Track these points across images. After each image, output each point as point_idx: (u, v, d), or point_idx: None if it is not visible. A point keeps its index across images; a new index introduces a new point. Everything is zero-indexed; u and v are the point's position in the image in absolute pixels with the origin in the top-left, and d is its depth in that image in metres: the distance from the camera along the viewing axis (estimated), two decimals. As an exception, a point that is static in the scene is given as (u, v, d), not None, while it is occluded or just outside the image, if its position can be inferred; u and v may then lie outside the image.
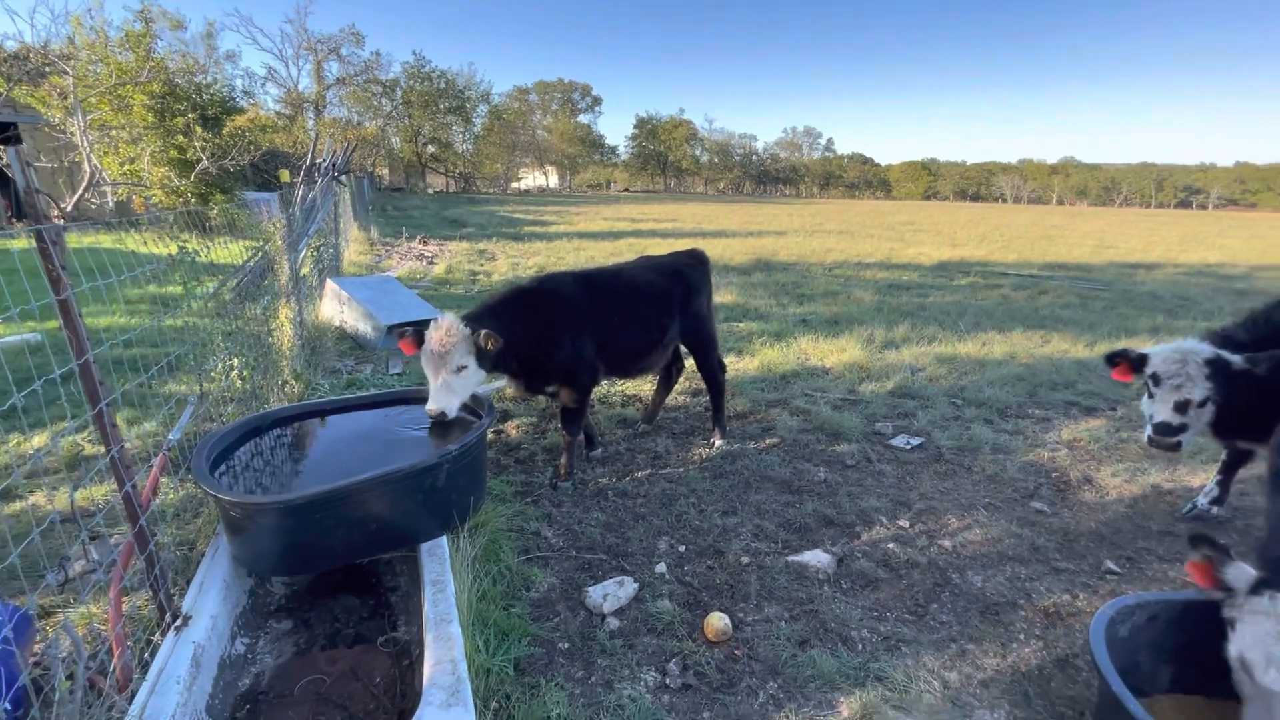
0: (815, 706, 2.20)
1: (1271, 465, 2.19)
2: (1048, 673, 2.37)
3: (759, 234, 20.54)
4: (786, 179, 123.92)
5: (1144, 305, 9.61)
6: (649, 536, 3.24)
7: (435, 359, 3.11)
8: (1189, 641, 2.13)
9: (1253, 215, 71.59)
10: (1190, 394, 2.93)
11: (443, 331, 3.14)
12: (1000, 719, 2.17)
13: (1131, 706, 1.66)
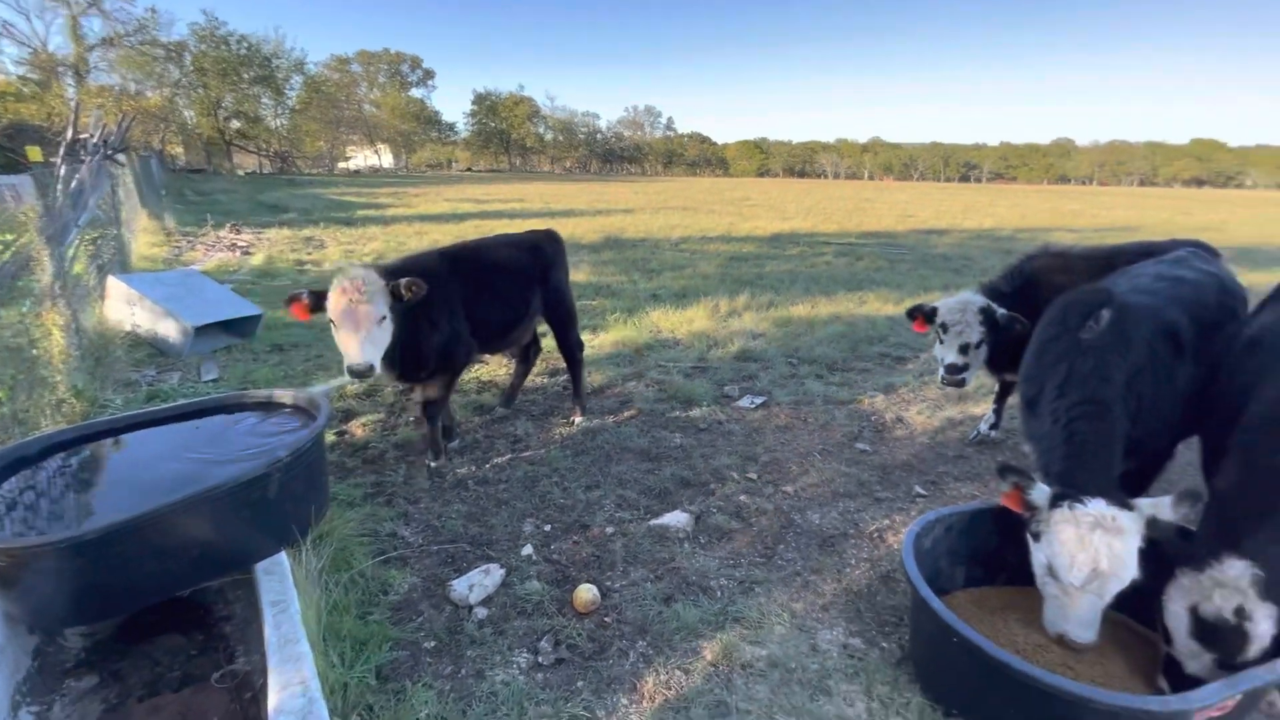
0: (681, 656, 2.34)
1: (1022, 394, 2.65)
2: (874, 589, 2.72)
3: (607, 212, 20.75)
4: (631, 157, 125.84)
5: (938, 266, 11.14)
6: (513, 521, 3.20)
7: (353, 312, 2.95)
8: (976, 544, 2.55)
9: (1014, 187, 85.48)
10: (970, 337, 3.47)
11: (358, 282, 2.98)
12: (839, 635, 2.46)
13: (934, 604, 1.96)
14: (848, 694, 2.17)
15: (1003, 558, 2.57)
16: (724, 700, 2.14)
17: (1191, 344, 2.50)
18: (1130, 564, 1.95)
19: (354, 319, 2.98)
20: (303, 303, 3.06)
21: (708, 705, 2.12)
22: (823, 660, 2.32)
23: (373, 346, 3.01)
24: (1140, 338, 2.37)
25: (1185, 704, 1.64)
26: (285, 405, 3.13)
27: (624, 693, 2.19)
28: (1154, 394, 2.36)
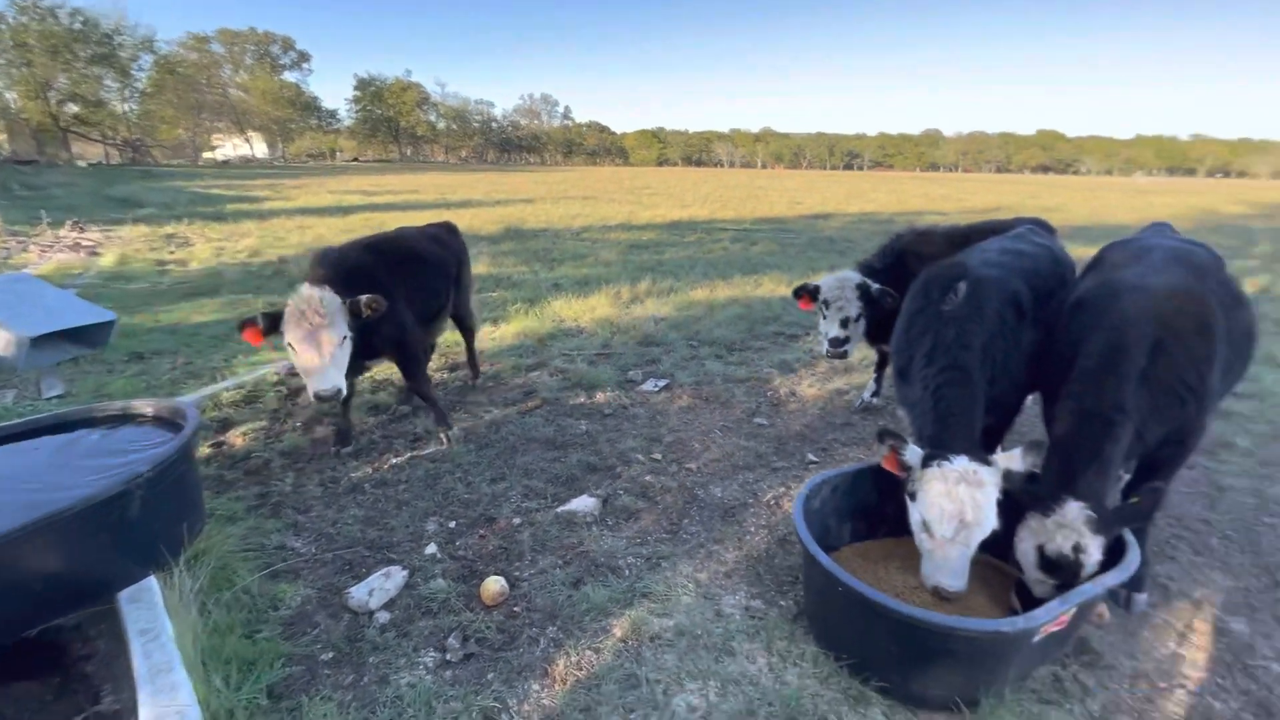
0: (592, 636, 2.37)
1: (894, 364, 2.88)
2: (772, 552, 2.88)
3: (506, 202, 20.28)
4: (529, 147, 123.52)
5: (825, 249, 11.81)
6: (415, 521, 3.10)
7: (314, 334, 2.86)
8: (859, 501, 2.76)
9: (892, 174, 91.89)
10: (849, 312, 3.73)
11: (315, 304, 2.88)
12: (741, 599, 2.59)
13: (820, 558, 2.11)
14: (750, 652, 2.30)
15: (883, 512, 2.80)
16: (634, 673, 2.20)
17: (1031, 310, 2.82)
18: (991, 514, 2.16)
19: (316, 343, 2.88)
20: (256, 327, 2.90)
21: (618, 680, 2.17)
22: (726, 624, 2.43)
23: (337, 369, 2.94)
24: (991, 307, 2.62)
25: (1031, 622, 1.87)
26: (146, 417, 2.85)
27: (535, 679, 2.19)
28: (1005, 356, 2.63)
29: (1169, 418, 2.23)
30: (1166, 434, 2.29)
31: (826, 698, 2.10)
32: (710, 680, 2.17)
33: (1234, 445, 3.96)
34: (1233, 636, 2.44)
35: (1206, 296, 2.31)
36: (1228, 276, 2.64)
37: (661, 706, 2.07)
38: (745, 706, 2.05)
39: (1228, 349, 2.33)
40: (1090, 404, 2.23)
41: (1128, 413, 2.17)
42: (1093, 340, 2.34)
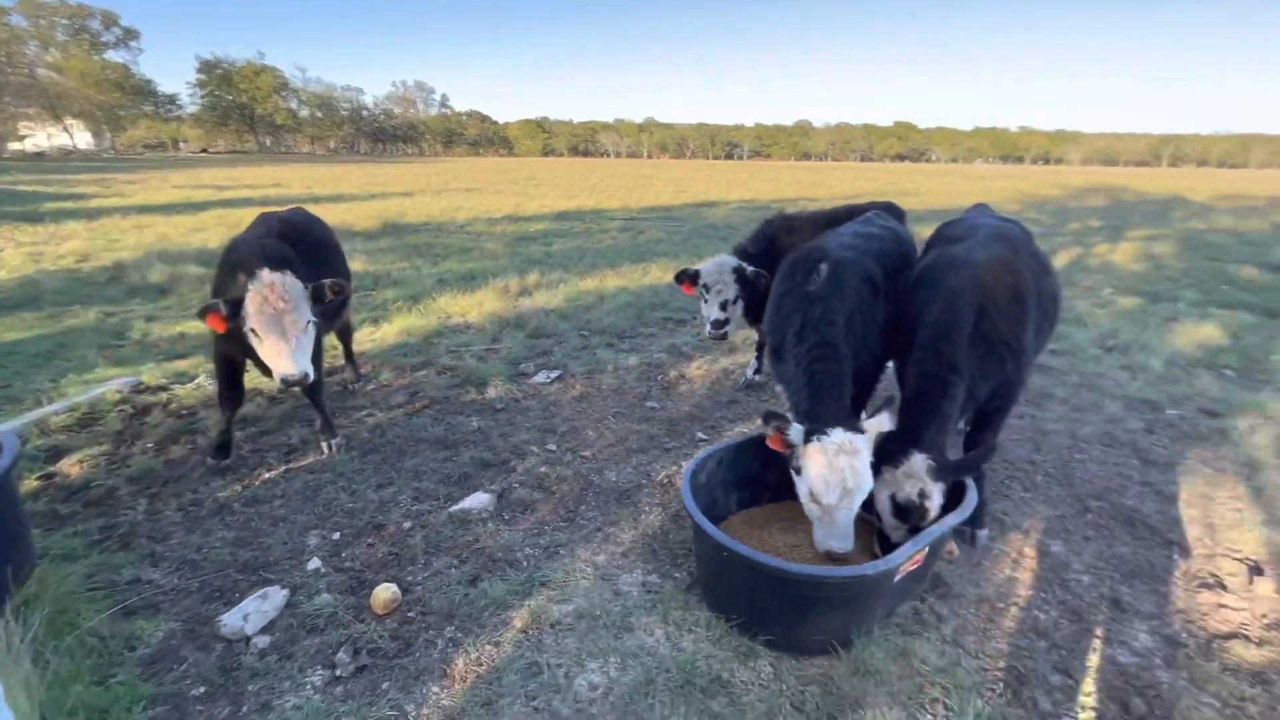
0: (491, 630, 2.36)
1: (769, 343, 3.06)
2: (666, 528, 2.99)
3: (383, 196, 19.18)
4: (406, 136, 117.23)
5: (709, 235, 12.23)
6: (294, 536, 2.91)
7: (278, 319, 2.82)
8: (742, 472, 2.93)
9: (769, 163, 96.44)
10: (727, 295, 3.92)
11: (278, 288, 2.83)
12: (638, 576, 2.67)
13: (706, 527, 2.23)
14: (648, 625, 2.38)
15: (765, 480, 2.99)
16: (536, 661, 2.22)
17: (883, 286, 3.10)
18: (868, 476, 2.36)
19: (281, 328, 2.85)
20: (219, 313, 2.84)
21: (519, 670, 2.18)
22: (624, 601, 2.50)
23: (304, 353, 2.92)
24: (851, 285, 2.84)
25: (889, 564, 2.09)
26: (-53, 450, 2.46)
27: (434, 681, 2.15)
28: (864, 330, 2.87)
29: (994, 374, 2.56)
30: (993, 389, 2.62)
31: (720, 657, 2.23)
32: (611, 657, 2.23)
33: (1053, 395, 4.60)
34: (1053, 557, 2.86)
35: (1019, 267, 2.66)
36: (1036, 249, 3.05)
37: (564, 689, 2.11)
38: (644, 676, 2.14)
39: (1038, 312, 2.70)
40: (929, 368, 2.51)
41: (960, 373, 2.47)
42: (929, 311, 2.62)
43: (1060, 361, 5.27)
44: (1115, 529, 3.06)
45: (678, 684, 2.11)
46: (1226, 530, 3.05)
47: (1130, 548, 2.92)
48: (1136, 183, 39.28)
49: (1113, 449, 3.83)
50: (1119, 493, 3.36)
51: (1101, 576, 2.73)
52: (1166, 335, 6.04)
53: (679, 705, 2.04)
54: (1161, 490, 3.39)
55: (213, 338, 3.31)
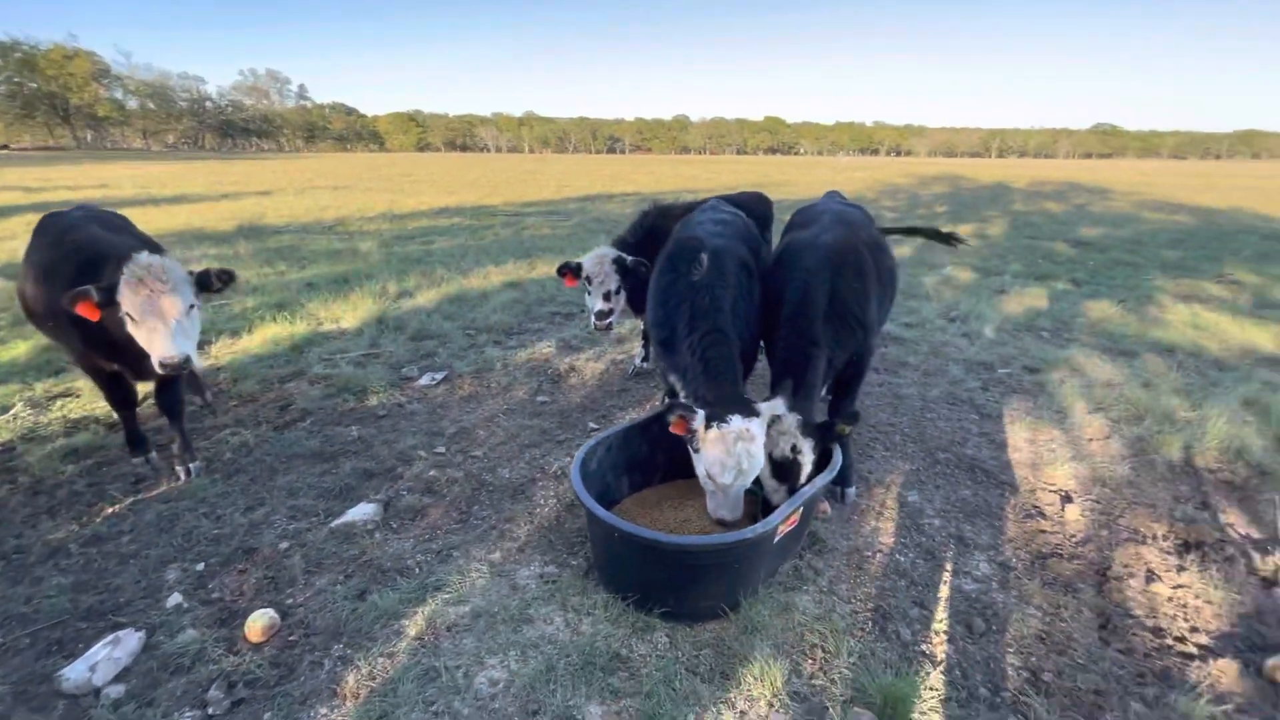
0: (384, 642, 2.28)
1: (655, 337, 3.12)
2: (562, 519, 3.02)
3: (236, 196, 17.47)
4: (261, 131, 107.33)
5: (594, 229, 12.29)
6: (148, 573, 2.63)
7: (154, 301, 2.71)
8: (632, 456, 3.01)
9: (650, 156, 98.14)
10: (610, 285, 3.98)
11: (158, 269, 2.74)
12: (535, 569, 2.68)
13: (598, 511, 2.28)
14: (547, 615, 2.40)
15: (655, 462, 3.10)
16: (432, 666, 2.17)
17: (754, 269, 3.29)
18: (760, 458, 2.50)
19: (158, 309, 2.73)
20: (90, 300, 2.67)
21: (416, 677, 2.12)
22: (522, 594, 2.50)
23: (184, 336, 2.79)
24: (731, 271, 2.97)
25: (766, 525, 2.25)
26: None
27: (323, 703, 2.04)
28: (746, 312, 3.01)
29: (848, 345, 2.82)
30: (847, 359, 2.88)
31: (618, 635, 2.30)
32: (510, 651, 2.23)
33: (907, 363, 5.11)
34: (910, 506, 3.20)
35: (860, 248, 2.94)
36: (875, 231, 3.37)
37: (464, 689, 2.08)
38: (545, 665, 2.16)
39: (879, 287, 3.00)
40: (793, 342, 2.72)
41: (820, 345, 2.70)
42: (788, 291, 2.84)
43: (912, 333, 5.85)
44: (959, 476, 3.48)
45: (578, 666, 2.15)
46: (1045, 467, 3.56)
47: (971, 490, 3.34)
48: (971, 172, 44.07)
49: (956, 407, 4.33)
50: (961, 444, 3.81)
51: (949, 518, 3.09)
52: (997, 305, 6.88)
53: (580, 686, 2.08)
54: (995, 439, 3.89)
55: (75, 354, 3.13)
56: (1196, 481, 3.40)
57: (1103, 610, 2.49)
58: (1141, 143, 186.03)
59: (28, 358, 4.81)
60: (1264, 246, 11.03)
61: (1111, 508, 3.18)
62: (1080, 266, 9.03)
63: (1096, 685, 2.15)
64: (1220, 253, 10.31)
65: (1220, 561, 2.77)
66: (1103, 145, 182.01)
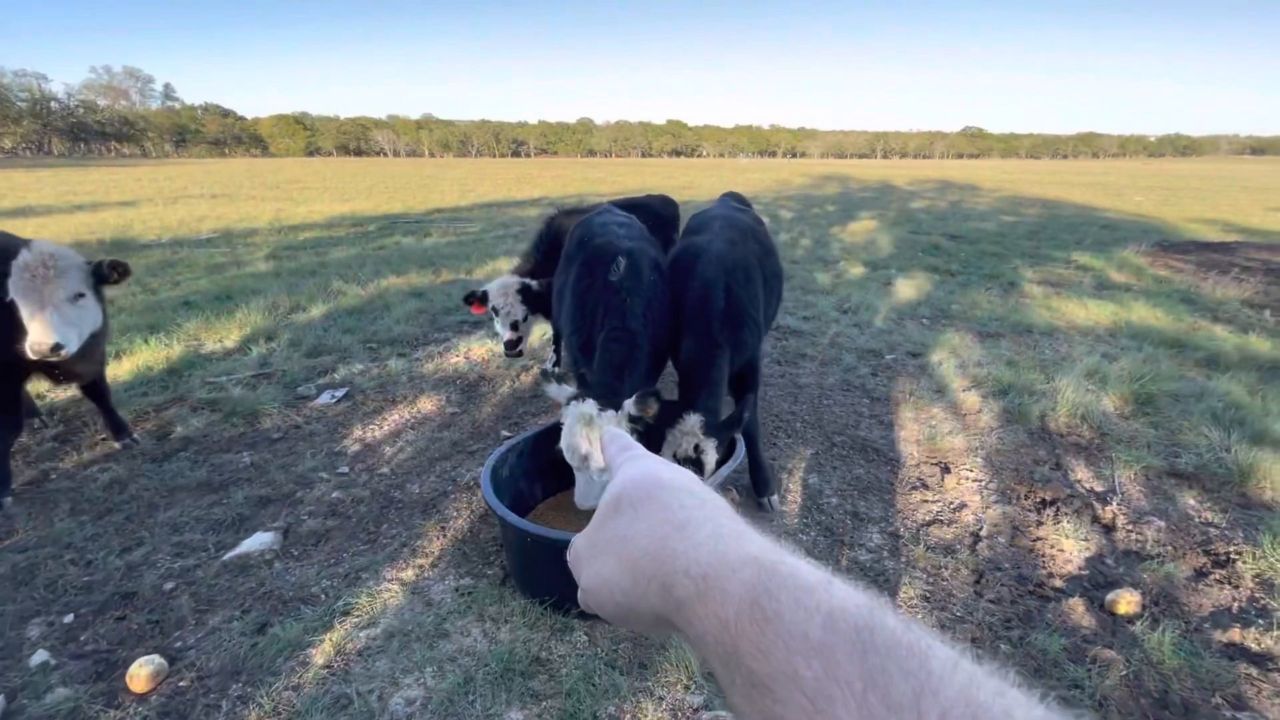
0: (288, 675, 2.17)
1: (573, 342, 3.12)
2: (475, 529, 2.98)
3: (93, 207, 15.76)
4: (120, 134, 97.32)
5: (500, 235, 12.09)
6: (6, 631, 2.36)
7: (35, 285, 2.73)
8: (544, 460, 3.03)
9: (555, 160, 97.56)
10: (516, 315, 3.99)
11: (43, 256, 2.77)
12: (450, 583, 2.64)
13: (508, 516, 2.29)
14: (463, 627, 2.38)
15: (569, 466, 3.12)
16: (344, 693, 2.10)
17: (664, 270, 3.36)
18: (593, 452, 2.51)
19: (38, 293, 2.74)
20: None
21: (326, 706, 2.04)
22: (437, 610, 2.46)
23: (62, 322, 2.78)
24: (645, 274, 3.00)
25: (676, 518, 2.34)
26: None
27: (222, 747, 1.93)
28: (660, 314, 3.08)
29: (745, 346, 2.96)
30: (745, 361, 3.03)
31: (536, 640, 2.31)
32: (427, 668, 2.20)
33: (806, 355, 5.42)
34: (811, 488, 3.41)
35: (748, 254, 3.11)
36: (762, 233, 3.56)
37: (377, 713, 2.03)
38: (464, 677, 2.14)
39: (765, 289, 3.18)
40: (697, 344, 2.84)
41: (721, 346, 2.83)
42: (689, 295, 2.96)
43: (810, 325, 6.21)
44: (853, 456, 3.74)
45: (497, 675, 2.15)
46: (926, 442, 3.90)
47: (864, 469, 3.60)
48: (859, 172, 47.07)
49: (850, 393, 4.65)
50: (855, 427, 4.10)
51: (845, 496, 3.33)
52: (884, 296, 7.42)
53: (500, 694, 2.08)
54: (883, 419, 4.21)
55: None
56: (1051, 445, 3.85)
57: (976, 567, 2.78)
58: (1004, 144, 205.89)
59: None
60: (1102, 235, 12.56)
61: (983, 474, 3.54)
62: (954, 258, 9.90)
63: (972, 634, 2.40)
64: (1067, 242, 11.63)
65: (1070, 514, 3.16)
66: (971, 146, 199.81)
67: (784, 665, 0.28)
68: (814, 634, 0.28)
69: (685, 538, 0.37)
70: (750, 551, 0.35)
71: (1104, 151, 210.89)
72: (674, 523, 0.39)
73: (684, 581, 0.35)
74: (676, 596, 0.35)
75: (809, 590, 0.31)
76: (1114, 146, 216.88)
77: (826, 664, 0.27)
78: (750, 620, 0.30)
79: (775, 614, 0.30)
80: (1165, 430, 4.00)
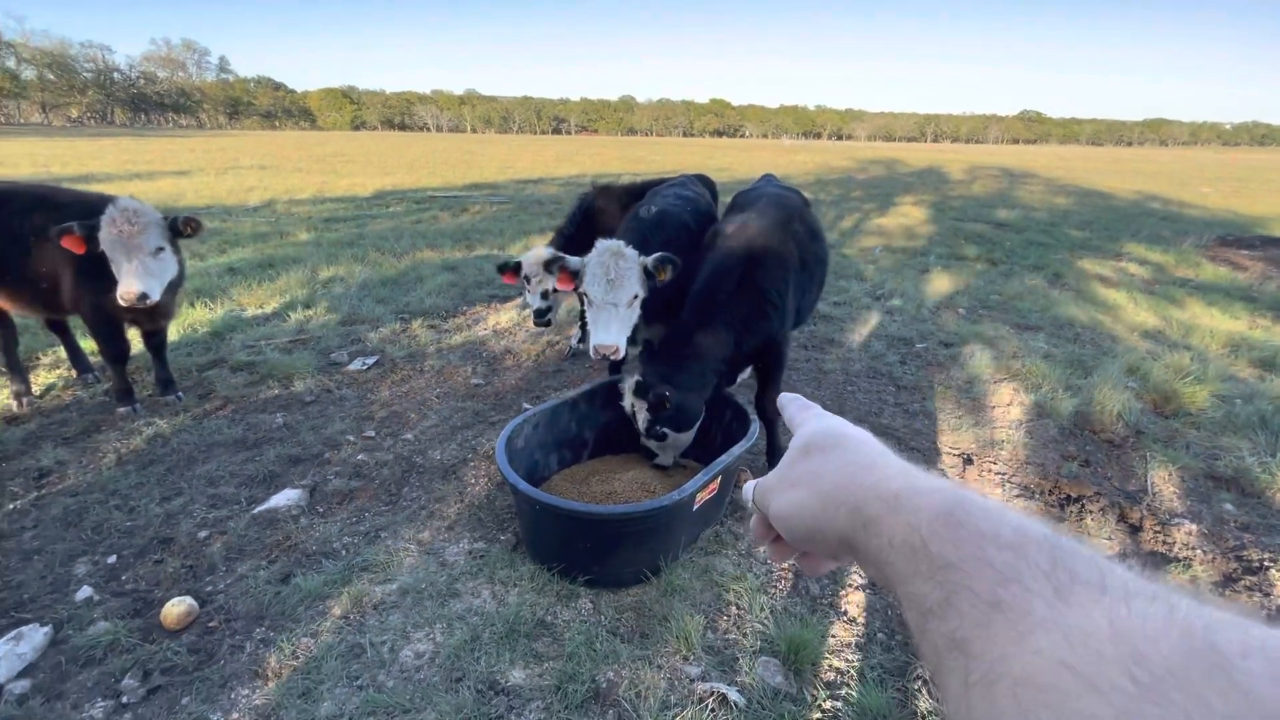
0: (308, 623, 2.28)
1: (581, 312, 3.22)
2: (491, 496, 3.06)
3: (151, 176, 16.38)
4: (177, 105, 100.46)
5: (536, 212, 12.16)
6: (56, 567, 2.54)
7: (123, 240, 3.05)
8: (560, 433, 3.08)
9: (596, 138, 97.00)
10: (547, 285, 4.02)
11: (129, 212, 3.08)
12: (464, 545, 2.72)
13: (520, 485, 2.34)
14: (474, 588, 2.46)
15: (583, 439, 3.17)
16: (358, 643, 2.20)
17: (695, 235, 3.40)
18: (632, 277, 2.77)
19: (126, 248, 3.06)
20: (76, 235, 3.00)
21: (340, 655, 2.15)
22: (450, 571, 2.55)
23: (148, 274, 3.11)
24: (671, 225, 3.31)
25: (683, 493, 2.36)
26: None
27: (243, 685, 2.05)
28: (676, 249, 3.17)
29: (760, 329, 2.91)
30: (762, 344, 2.99)
31: (543, 604, 2.38)
32: (437, 624, 2.28)
33: (833, 340, 5.34)
34: (827, 473, 3.38)
35: (786, 235, 3.05)
36: (809, 215, 3.49)
37: (389, 663, 2.13)
38: (470, 635, 2.22)
39: (804, 274, 3.12)
40: (690, 314, 2.85)
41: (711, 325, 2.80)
42: (704, 268, 2.95)
43: (840, 311, 6.11)
44: (874, 444, 3.69)
45: (502, 634, 2.22)
46: (950, 433, 3.82)
47: (884, 457, 3.55)
48: (907, 155, 45.56)
49: (875, 379, 4.58)
50: (878, 414, 4.04)
51: (862, 483, 3.29)
52: (920, 284, 7.23)
53: (504, 653, 2.16)
54: (908, 408, 4.14)
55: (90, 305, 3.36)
56: (1082, 442, 3.73)
57: (991, 559, 2.73)
58: (1063, 130, 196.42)
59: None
60: (1160, 227, 11.94)
61: (1007, 468, 3.46)
62: (998, 246, 9.56)
63: (980, 625, 2.37)
64: (1121, 233, 11.10)
65: (1096, 512, 3.07)
66: (1028, 131, 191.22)
67: (975, 551, 0.32)
68: (1005, 534, 0.32)
69: (874, 472, 0.42)
70: (939, 482, 0.39)
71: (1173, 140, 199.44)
72: (861, 464, 0.44)
73: (875, 502, 0.39)
74: (866, 515, 0.39)
75: (999, 509, 0.35)
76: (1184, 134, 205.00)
77: (1017, 553, 0.31)
78: (944, 524, 0.34)
79: (967, 520, 0.34)
80: (1207, 431, 3.83)
